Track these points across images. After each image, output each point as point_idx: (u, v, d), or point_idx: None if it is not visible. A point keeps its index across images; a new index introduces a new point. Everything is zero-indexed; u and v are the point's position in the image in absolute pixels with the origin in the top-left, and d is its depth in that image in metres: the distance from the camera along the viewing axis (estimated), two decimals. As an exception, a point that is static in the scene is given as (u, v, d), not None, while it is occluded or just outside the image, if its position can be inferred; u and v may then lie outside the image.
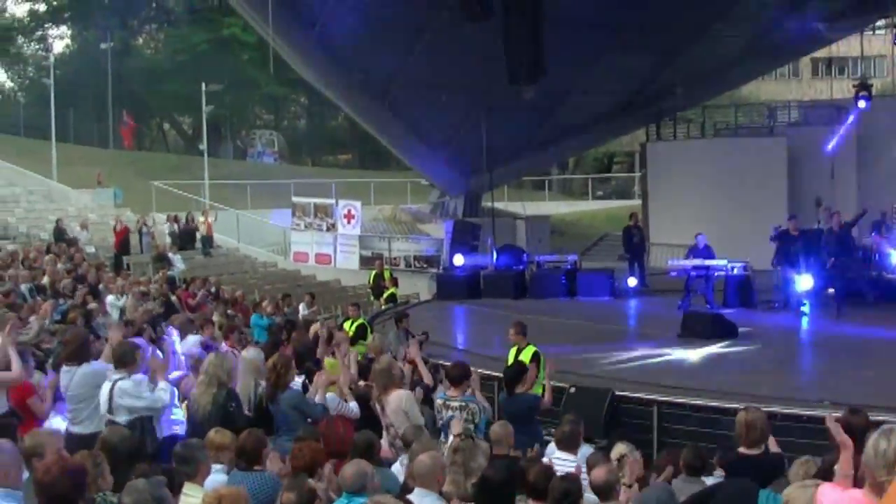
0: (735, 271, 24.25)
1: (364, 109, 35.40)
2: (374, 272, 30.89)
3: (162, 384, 10.09)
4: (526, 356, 13.63)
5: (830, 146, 30.93)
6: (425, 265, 35.04)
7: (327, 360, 12.81)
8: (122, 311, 22.07)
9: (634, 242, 28.49)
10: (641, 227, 29.67)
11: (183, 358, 13.60)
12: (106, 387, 9.67)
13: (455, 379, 11.37)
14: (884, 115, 31.08)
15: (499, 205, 38.37)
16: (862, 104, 29.82)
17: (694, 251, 24.76)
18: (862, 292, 23.25)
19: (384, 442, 10.08)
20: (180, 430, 10.54)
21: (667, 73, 37.78)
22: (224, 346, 14.15)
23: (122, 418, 9.44)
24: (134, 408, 9.52)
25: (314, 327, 15.98)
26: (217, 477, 7.78)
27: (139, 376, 9.93)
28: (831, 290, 23.36)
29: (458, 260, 29.68)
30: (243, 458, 7.99)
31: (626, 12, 32.59)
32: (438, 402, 11.35)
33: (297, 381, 11.15)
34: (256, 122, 76.69)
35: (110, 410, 9.51)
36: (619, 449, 9.37)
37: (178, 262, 33.33)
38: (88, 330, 16.72)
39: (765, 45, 38.63)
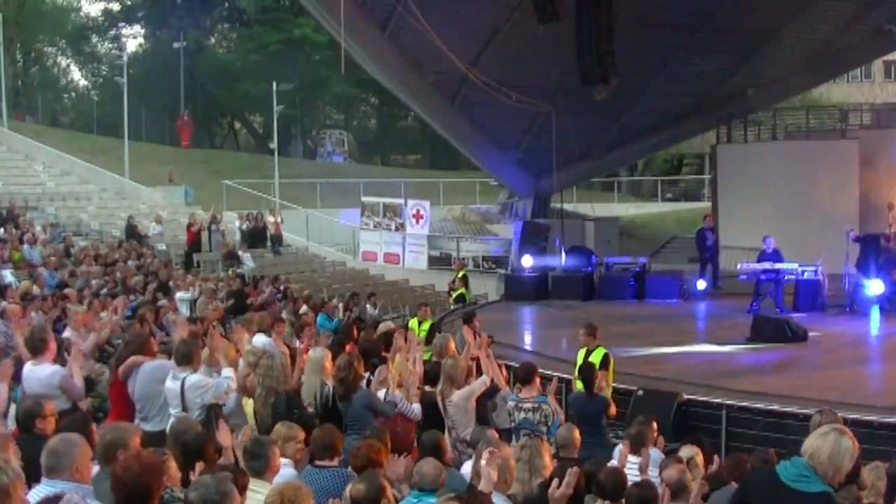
0: (806, 275, 23.98)
1: (434, 110, 35.49)
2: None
3: (226, 371, 10.18)
4: (596, 358, 13.59)
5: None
6: (494, 266, 35.05)
7: (399, 360, 12.85)
8: (193, 304, 22.39)
9: (708, 245, 28.17)
10: (714, 229, 29.28)
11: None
12: (175, 385, 9.76)
13: (523, 378, 11.40)
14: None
15: (568, 206, 38.26)
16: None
17: (761, 254, 24.56)
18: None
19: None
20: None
21: (738, 75, 37.51)
22: (298, 343, 14.24)
23: (196, 414, 9.53)
24: (204, 401, 9.63)
25: (383, 326, 16.02)
26: (286, 472, 7.85)
27: (203, 369, 10.04)
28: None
29: (527, 261, 29.58)
30: (320, 453, 8.06)
31: (699, 14, 32.44)
32: (511, 404, 11.35)
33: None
34: (326, 122, 77.22)
35: (184, 408, 9.61)
36: (687, 451, 9.34)
37: (248, 260, 33.64)
38: (159, 326, 17.00)
39: (837, 47, 38.21)
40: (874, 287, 22.61)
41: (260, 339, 14.00)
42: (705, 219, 29.15)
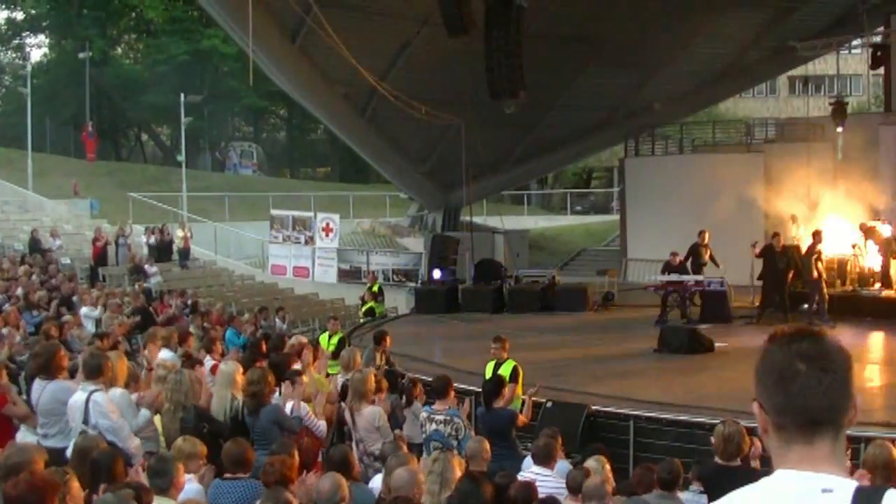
0: (712, 287, 24.33)
1: (344, 123, 35.35)
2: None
3: (143, 412, 10.02)
4: (505, 370, 13.60)
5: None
6: (404, 279, 35.03)
7: (315, 376, 12.75)
8: (98, 322, 21.97)
9: (701, 262, 26.82)
10: (709, 245, 27.68)
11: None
12: (80, 397, 9.53)
13: (438, 391, 11.41)
14: (859, 133, 31.16)
15: (478, 219, 38.41)
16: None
17: (666, 265, 24.87)
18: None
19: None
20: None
21: (646, 89, 37.94)
22: (209, 359, 14.05)
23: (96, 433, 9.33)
24: (98, 425, 9.39)
25: (294, 340, 15.88)
26: (192, 487, 7.73)
27: (117, 392, 9.81)
28: (805, 306, 23.60)
29: (437, 274, 29.64)
30: (231, 467, 7.95)
31: (607, 29, 32.76)
32: (423, 415, 11.36)
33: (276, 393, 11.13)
34: (235, 134, 76.54)
35: (85, 422, 9.39)
36: (594, 463, 9.39)
37: (155, 274, 33.17)
38: (63, 342, 16.65)
39: (742, 63, 38.85)
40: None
41: (166, 354, 13.81)
42: (700, 234, 26.65)
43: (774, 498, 2.64)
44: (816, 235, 23.80)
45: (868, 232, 25.69)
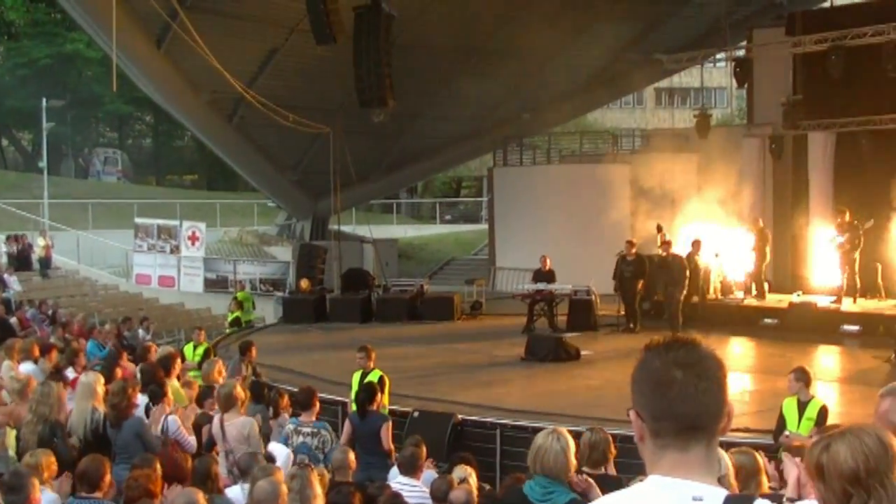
0: (578, 295, 24.67)
1: (210, 130, 34.88)
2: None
3: None
4: (372, 380, 13.57)
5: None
6: (271, 288, 34.74)
7: (171, 385, 12.54)
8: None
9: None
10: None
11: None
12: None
13: (303, 403, 11.32)
14: (722, 145, 31.80)
15: (346, 228, 38.30)
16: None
17: (537, 273, 25.13)
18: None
19: (222, 468, 9.89)
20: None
21: (514, 99, 38.27)
22: (71, 372, 13.70)
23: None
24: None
25: (163, 350, 15.60)
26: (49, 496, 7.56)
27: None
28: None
29: (305, 283, 29.47)
30: (84, 484, 7.75)
31: (476, 39, 32.98)
32: (290, 427, 11.26)
33: (141, 404, 10.92)
34: (100, 140, 75.03)
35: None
36: (460, 472, 9.40)
37: (14, 283, 32.30)
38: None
39: (610, 74, 39.46)
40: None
41: (27, 367, 13.45)
42: (693, 244, 25.29)
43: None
44: (695, 244, 24.31)
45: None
